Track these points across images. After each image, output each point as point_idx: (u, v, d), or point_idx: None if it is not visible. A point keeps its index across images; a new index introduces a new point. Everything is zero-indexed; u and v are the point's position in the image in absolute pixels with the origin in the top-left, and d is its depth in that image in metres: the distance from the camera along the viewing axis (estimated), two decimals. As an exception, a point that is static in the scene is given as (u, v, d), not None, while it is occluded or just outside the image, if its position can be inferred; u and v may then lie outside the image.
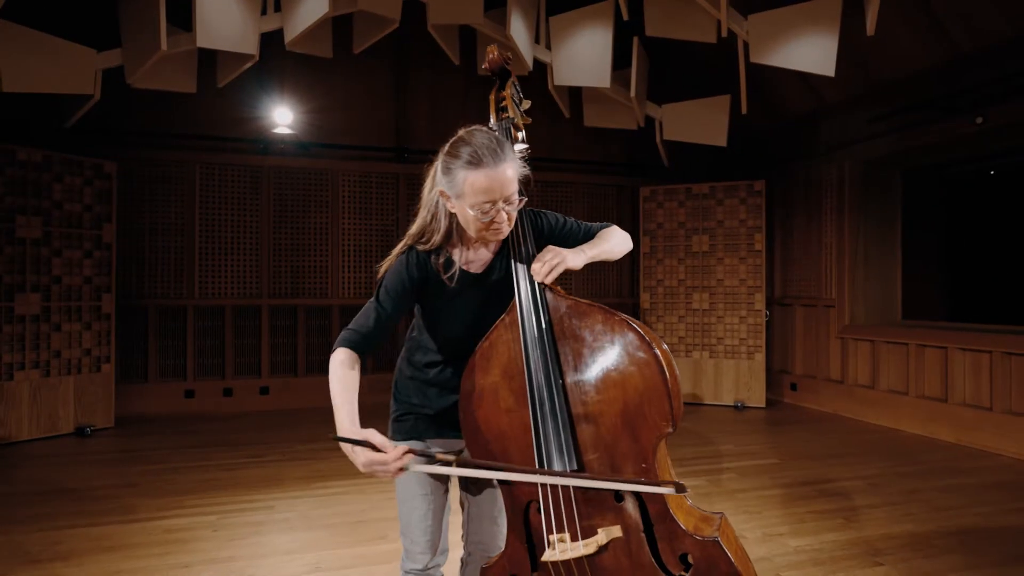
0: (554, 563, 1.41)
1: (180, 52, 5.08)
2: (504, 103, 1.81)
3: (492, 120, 1.83)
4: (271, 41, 5.40)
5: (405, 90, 6.79)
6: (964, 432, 4.90)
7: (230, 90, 5.94)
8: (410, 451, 1.39)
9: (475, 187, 1.43)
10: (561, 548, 1.38)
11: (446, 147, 1.55)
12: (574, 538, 1.42)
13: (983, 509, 3.51)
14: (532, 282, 1.53)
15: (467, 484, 1.77)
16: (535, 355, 1.47)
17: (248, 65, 5.34)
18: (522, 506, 1.50)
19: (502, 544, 1.73)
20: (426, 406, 1.71)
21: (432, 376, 1.70)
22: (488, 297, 1.63)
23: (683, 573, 1.38)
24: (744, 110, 5.67)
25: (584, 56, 5.73)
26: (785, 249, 6.70)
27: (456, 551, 1.85)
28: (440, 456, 1.45)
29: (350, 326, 1.57)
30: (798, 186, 6.48)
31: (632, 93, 5.93)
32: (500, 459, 1.52)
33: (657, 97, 6.47)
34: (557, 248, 1.56)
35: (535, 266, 1.52)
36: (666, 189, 6.75)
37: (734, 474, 4.14)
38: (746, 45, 5.24)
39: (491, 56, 1.81)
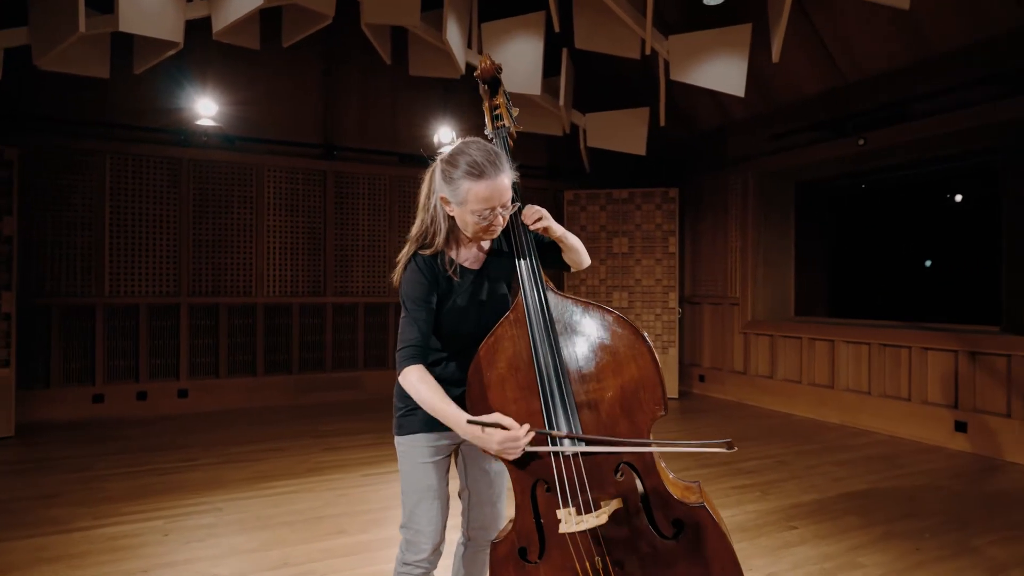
0: (571, 534, 1.60)
1: (94, 35, 4.79)
2: (499, 111, 1.97)
3: (488, 128, 1.98)
4: (194, 28, 5.20)
5: (334, 87, 6.72)
6: (848, 414, 5.60)
7: (148, 78, 5.65)
8: (532, 428, 1.55)
9: (478, 196, 1.61)
10: (577, 520, 1.57)
11: (445, 156, 1.71)
12: (579, 512, 1.61)
13: (870, 477, 4.09)
14: (536, 283, 1.72)
15: (469, 472, 1.91)
16: (543, 349, 1.65)
17: (170, 53, 5.12)
18: (530, 485, 1.68)
19: (501, 525, 1.91)
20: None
21: (437, 372, 1.82)
22: (484, 291, 1.80)
23: (676, 536, 1.61)
24: (663, 122, 6.12)
25: (515, 63, 5.93)
26: (695, 252, 7.27)
27: (451, 537, 1.98)
28: (555, 433, 1.59)
29: (401, 345, 1.68)
30: (707, 194, 7.06)
31: (561, 102, 6.22)
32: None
33: (581, 105, 6.81)
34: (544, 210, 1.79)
35: (526, 210, 1.75)
36: (588, 193, 7.12)
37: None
38: (666, 63, 5.66)
39: (484, 65, 1.96)
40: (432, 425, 1.80)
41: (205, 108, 5.75)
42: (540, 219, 1.76)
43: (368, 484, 3.93)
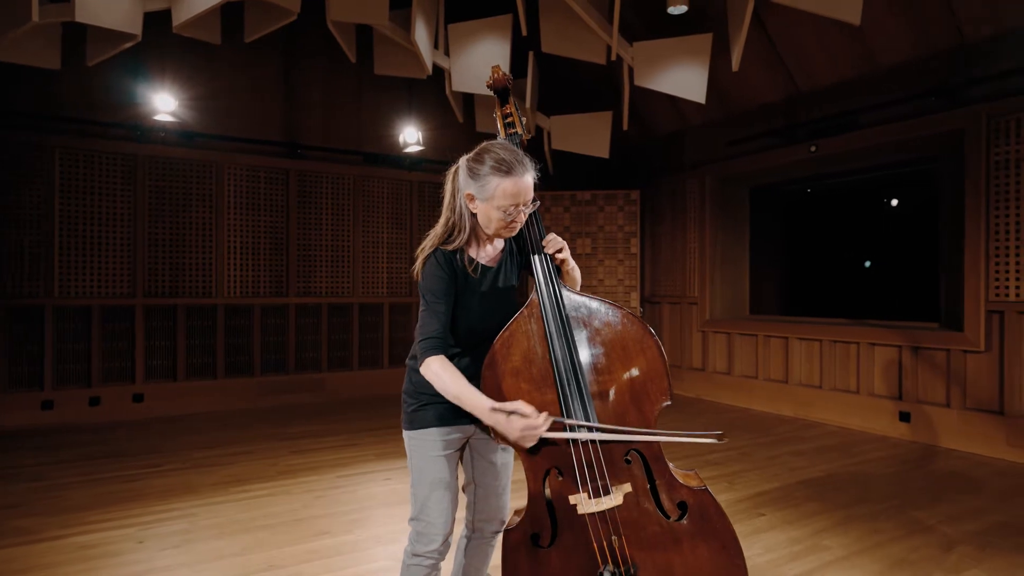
0: (590, 515, 1.67)
1: (45, 24, 4.59)
2: (511, 119, 2.03)
3: (502, 135, 2.04)
4: (152, 20, 5.04)
5: (297, 84, 6.61)
6: (801, 407, 5.89)
7: (102, 70, 5.45)
8: (549, 416, 1.61)
9: (505, 192, 1.69)
10: (596, 501, 1.65)
11: (470, 155, 1.79)
12: (590, 496, 1.69)
13: (825, 466, 4.32)
14: (552, 281, 1.79)
15: (476, 465, 1.95)
16: (559, 342, 1.72)
17: (127, 45, 4.95)
18: (543, 472, 1.74)
19: (506, 516, 1.97)
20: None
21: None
22: (499, 288, 1.88)
23: (681, 517, 1.70)
24: (626, 126, 6.29)
25: (482, 65, 5.98)
26: (654, 253, 7.49)
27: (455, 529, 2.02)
28: (569, 422, 1.66)
29: (422, 337, 1.72)
30: (666, 197, 7.28)
31: (527, 104, 6.32)
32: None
33: (544, 108, 6.92)
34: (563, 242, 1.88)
35: (550, 239, 1.85)
36: (553, 195, 7.23)
37: (630, 453, 4.66)
38: (631, 69, 5.82)
39: (496, 76, 2.03)
40: (444, 419, 1.85)
41: (163, 103, 5.57)
42: (560, 250, 1.87)
43: (344, 486, 3.91)
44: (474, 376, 1.80)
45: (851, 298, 6.38)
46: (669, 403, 1.74)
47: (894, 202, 5.81)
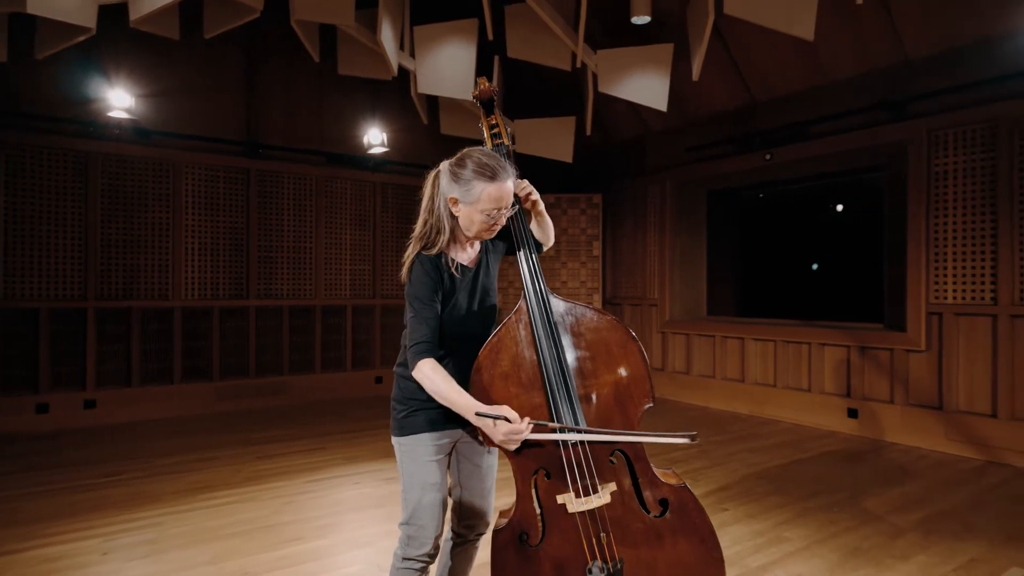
0: (580, 513, 1.73)
1: (-7, 15, 4.40)
2: (496, 129, 2.08)
3: (488, 146, 2.09)
4: (107, 13, 4.89)
5: (258, 83, 6.49)
6: (756, 405, 6.12)
7: (52, 64, 5.24)
8: (531, 421, 1.67)
9: (490, 196, 1.75)
10: (586, 499, 1.71)
11: (453, 161, 1.85)
12: (578, 495, 1.75)
13: (781, 461, 4.52)
14: (539, 288, 1.85)
15: (462, 468, 1.99)
16: (548, 347, 1.79)
17: (81, 39, 4.78)
18: (531, 473, 1.80)
19: (490, 519, 2.02)
20: (434, 399, 1.89)
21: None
22: (480, 289, 1.92)
23: (663, 514, 1.79)
24: (589, 132, 6.41)
25: (448, 68, 6.00)
26: (616, 255, 7.65)
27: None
28: (551, 425, 1.71)
29: (413, 341, 1.76)
30: (628, 201, 7.45)
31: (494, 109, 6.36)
32: (508, 439, 1.80)
33: (509, 112, 6.99)
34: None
35: (519, 183, 1.91)
36: (517, 198, 7.29)
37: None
38: (595, 76, 5.94)
39: (482, 87, 2.08)
40: (434, 424, 1.88)
41: (118, 99, 5.39)
42: (530, 194, 1.96)
43: (313, 491, 3.88)
44: (462, 376, 1.83)
45: (802, 300, 6.67)
46: (651, 405, 1.82)
47: (843, 208, 6.12)
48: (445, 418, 1.87)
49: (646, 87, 5.70)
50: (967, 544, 3.08)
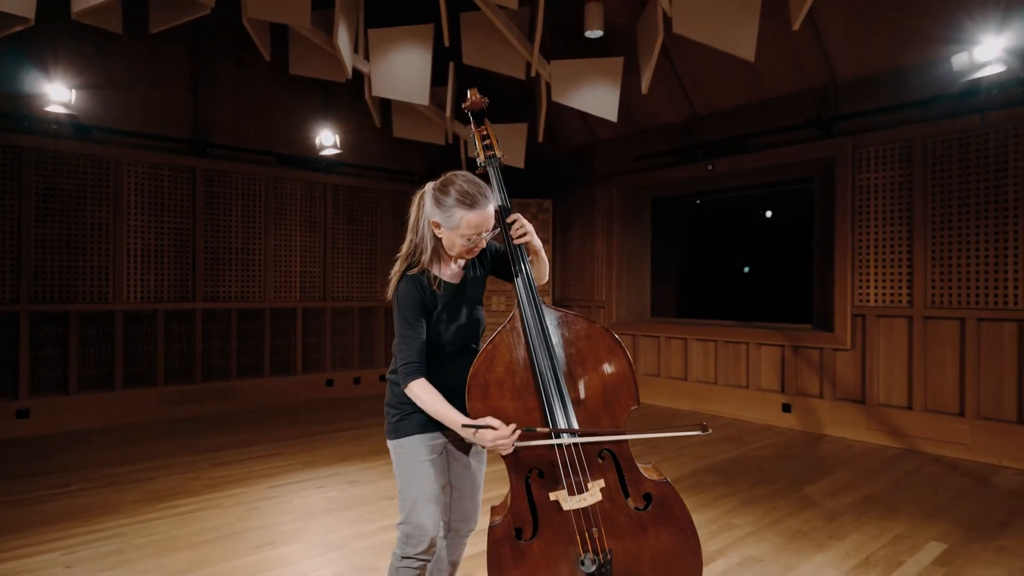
0: (575, 511, 1.87)
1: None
2: (488, 141, 2.19)
3: (481, 158, 2.19)
4: (47, 3, 4.69)
5: (205, 80, 6.31)
6: (699, 402, 6.47)
7: (-17, 53, 4.95)
8: (517, 427, 1.79)
9: (470, 223, 1.86)
10: (579, 498, 1.85)
11: (436, 185, 1.93)
12: (571, 492, 1.90)
13: (726, 454, 4.84)
14: (533, 298, 1.97)
15: (453, 468, 2.09)
16: (541, 353, 1.92)
17: (17, 29, 4.55)
18: (525, 473, 1.93)
19: (479, 515, 2.14)
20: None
21: (435, 379, 1.94)
22: (466, 301, 2.03)
23: (646, 507, 1.95)
24: (541, 138, 6.58)
25: (403, 72, 6.04)
26: (565, 259, 7.87)
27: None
28: (539, 430, 1.83)
29: (402, 362, 1.88)
30: (577, 206, 7.68)
31: (448, 114, 6.45)
32: (503, 440, 1.92)
33: (461, 117, 7.07)
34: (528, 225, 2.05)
35: (516, 223, 2.00)
36: (469, 201, 7.39)
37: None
38: (548, 85, 6.12)
39: (473, 98, 2.19)
40: (427, 427, 1.98)
41: (56, 93, 5.14)
42: (525, 235, 2.03)
43: (277, 496, 3.86)
44: (453, 385, 1.93)
45: (738, 301, 7.09)
46: (636, 407, 1.99)
47: (777, 216, 6.55)
48: (437, 421, 1.97)
49: (597, 98, 5.92)
50: (892, 523, 3.43)
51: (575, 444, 1.90)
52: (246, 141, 6.52)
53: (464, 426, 1.81)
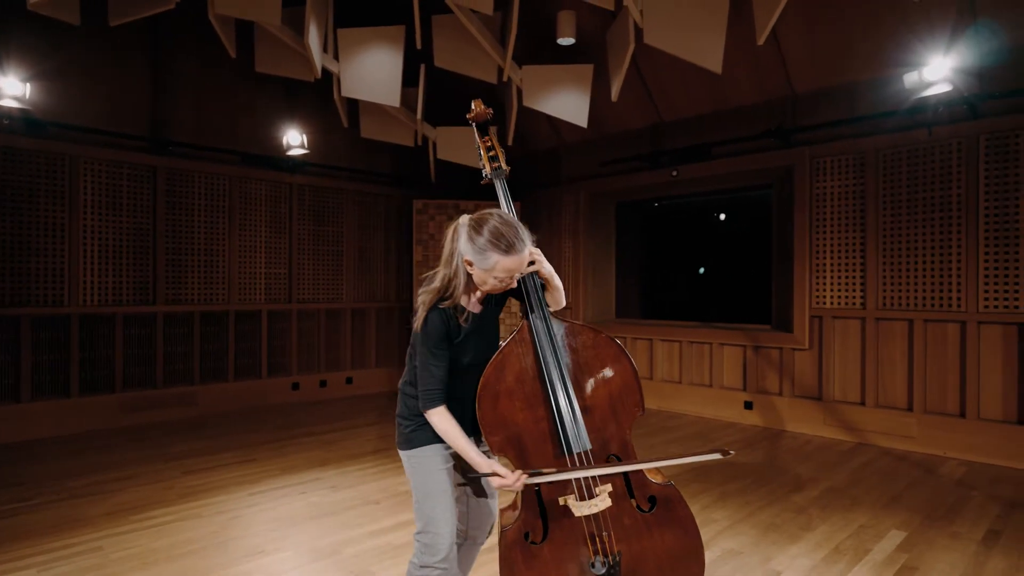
0: (586, 517, 1.95)
1: None
2: (493, 152, 2.24)
3: (487, 169, 2.23)
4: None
5: (167, 76, 6.11)
6: (664, 401, 6.68)
7: (-72, 43, 4.67)
8: (523, 472, 1.87)
9: (505, 267, 1.86)
10: (591, 504, 1.93)
11: (471, 223, 1.89)
12: (579, 498, 1.97)
13: (694, 451, 5.01)
14: (542, 311, 2.04)
15: (469, 479, 2.13)
16: (552, 363, 1.99)
17: (-32, 19, 4.33)
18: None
19: (494, 521, 2.19)
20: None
21: (449, 391, 1.98)
22: (485, 329, 2.06)
23: (651, 509, 2.05)
24: (510, 142, 6.66)
25: (374, 73, 6.00)
26: (531, 260, 7.95)
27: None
28: (545, 471, 1.89)
29: (424, 388, 1.91)
30: (543, 209, 7.78)
31: (418, 116, 6.44)
32: (515, 446, 1.99)
33: (429, 118, 7.07)
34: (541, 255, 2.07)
35: (535, 250, 2.01)
36: (437, 204, 7.40)
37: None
38: (519, 90, 6.20)
39: (478, 109, 2.23)
40: (441, 437, 2.01)
41: (9, 87, 4.89)
42: (532, 263, 2.02)
43: (259, 503, 3.81)
44: (467, 397, 1.99)
45: (700, 302, 7.34)
46: (642, 413, 2.08)
47: (738, 221, 6.82)
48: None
49: (568, 103, 6.03)
50: (856, 514, 3.66)
51: (586, 451, 1.98)
52: (209, 139, 6.35)
53: (473, 476, 1.93)
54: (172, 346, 6.11)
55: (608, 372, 2.06)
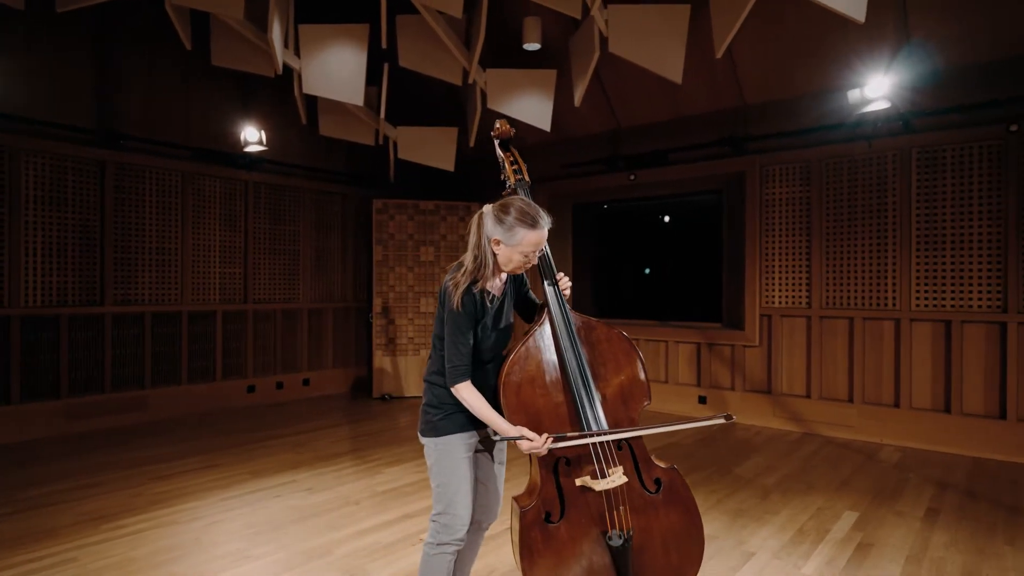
0: (604, 491, 2.07)
1: None
2: (516, 166, 2.35)
3: (511, 181, 2.34)
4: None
5: (116, 66, 5.84)
6: (622, 397, 6.90)
7: None
8: (548, 436, 1.97)
9: (531, 241, 2.04)
10: (608, 481, 2.05)
11: (495, 207, 2.09)
12: (594, 478, 2.09)
13: (655, 444, 5.24)
14: (561, 305, 2.16)
15: (482, 465, 2.22)
16: (571, 354, 2.11)
17: (-98, -2, 4.05)
18: (553, 463, 2.10)
19: (499, 510, 2.29)
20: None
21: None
22: (503, 313, 2.20)
23: (657, 491, 2.19)
24: (472, 143, 6.73)
25: (336, 70, 5.94)
26: (489, 261, 8.03)
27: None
28: (570, 435, 2.00)
29: (453, 365, 2.02)
30: (502, 210, 7.87)
31: (382, 115, 6.41)
32: (536, 429, 2.09)
33: (391, 118, 7.04)
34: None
35: (564, 280, 2.24)
36: (396, 203, 7.38)
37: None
38: (483, 92, 6.28)
39: (503, 128, 2.37)
40: (466, 426, 2.12)
41: (-55, 72, 4.58)
42: (569, 286, 2.29)
43: (236, 508, 3.73)
44: (489, 385, 2.11)
45: (651, 301, 7.63)
46: (649, 403, 2.22)
47: (691, 223, 7.13)
48: (474, 420, 2.12)
49: (532, 107, 6.16)
50: (812, 497, 3.95)
51: (603, 431, 2.11)
52: (161, 133, 6.10)
53: (499, 439, 2.01)
54: (121, 349, 5.84)
55: (621, 365, 2.20)
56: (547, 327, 2.17)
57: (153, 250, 6.05)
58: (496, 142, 2.43)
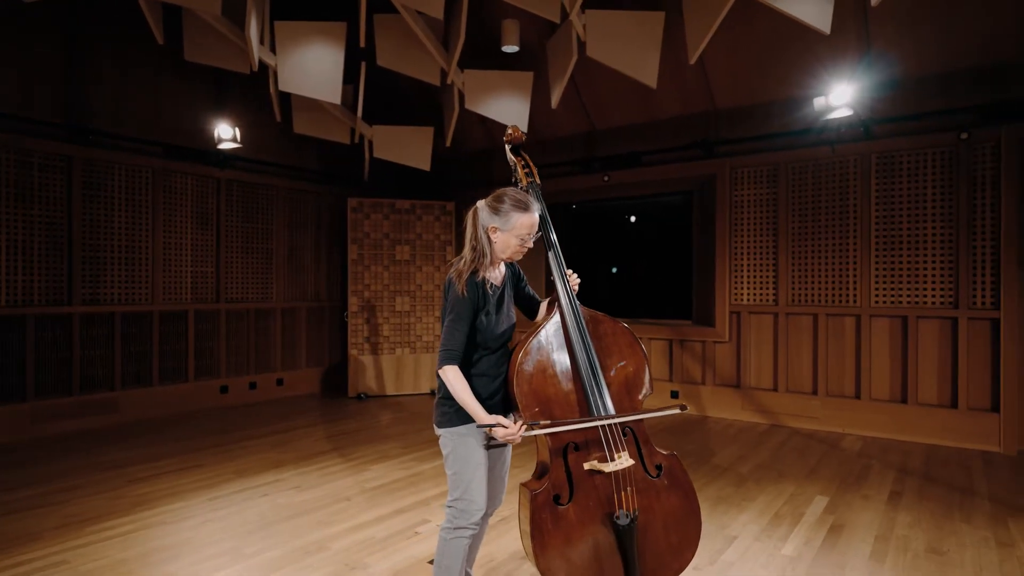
0: (613, 472, 2.17)
1: None
2: (528, 168, 2.45)
3: (523, 183, 2.44)
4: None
5: (84, 60, 5.68)
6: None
7: None
8: (523, 423, 2.05)
9: (523, 223, 2.18)
10: (615, 463, 2.16)
11: (489, 199, 2.22)
12: (601, 461, 2.20)
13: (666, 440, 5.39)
14: (570, 298, 2.27)
15: (492, 454, 2.30)
16: (581, 346, 2.21)
17: None
18: (562, 446, 2.20)
19: (503, 498, 2.38)
20: (479, 395, 2.17)
21: (480, 368, 2.19)
22: (505, 302, 2.31)
23: (659, 475, 2.31)
24: (448, 143, 6.78)
25: (313, 68, 5.91)
26: (464, 260, 8.09)
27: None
28: (543, 423, 2.06)
29: (447, 348, 2.10)
30: (476, 209, 7.94)
31: (358, 114, 6.41)
32: (546, 416, 2.18)
33: (367, 117, 7.03)
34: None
35: (574, 277, 2.36)
36: (372, 202, 7.37)
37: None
38: (461, 93, 6.34)
39: (516, 134, 2.47)
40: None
41: (-94, 62, 4.39)
42: (578, 283, 2.42)
43: (224, 507, 3.71)
44: (497, 374, 2.21)
45: (627, 299, 7.81)
46: (651, 392, 2.34)
47: (662, 223, 7.34)
48: (489, 411, 2.18)
49: (508, 108, 6.25)
50: (784, 485, 4.15)
51: (609, 417, 2.22)
52: (130, 129, 5.96)
53: (478, 426, 2.09)
54: (90, 350, 5.69)
55: (625, 356, 2.31)
56: (557, 319, 2.27)
57: (123, 248, 5.91)
58: (507, 146, 2.53)
